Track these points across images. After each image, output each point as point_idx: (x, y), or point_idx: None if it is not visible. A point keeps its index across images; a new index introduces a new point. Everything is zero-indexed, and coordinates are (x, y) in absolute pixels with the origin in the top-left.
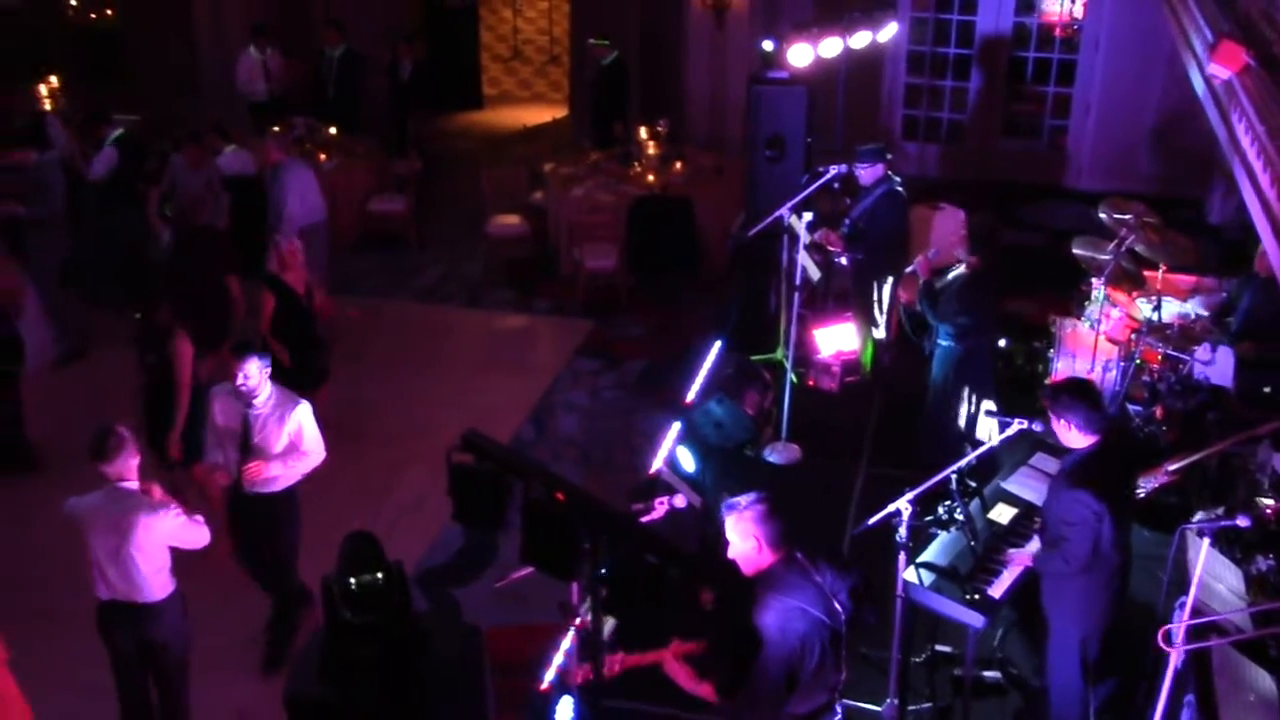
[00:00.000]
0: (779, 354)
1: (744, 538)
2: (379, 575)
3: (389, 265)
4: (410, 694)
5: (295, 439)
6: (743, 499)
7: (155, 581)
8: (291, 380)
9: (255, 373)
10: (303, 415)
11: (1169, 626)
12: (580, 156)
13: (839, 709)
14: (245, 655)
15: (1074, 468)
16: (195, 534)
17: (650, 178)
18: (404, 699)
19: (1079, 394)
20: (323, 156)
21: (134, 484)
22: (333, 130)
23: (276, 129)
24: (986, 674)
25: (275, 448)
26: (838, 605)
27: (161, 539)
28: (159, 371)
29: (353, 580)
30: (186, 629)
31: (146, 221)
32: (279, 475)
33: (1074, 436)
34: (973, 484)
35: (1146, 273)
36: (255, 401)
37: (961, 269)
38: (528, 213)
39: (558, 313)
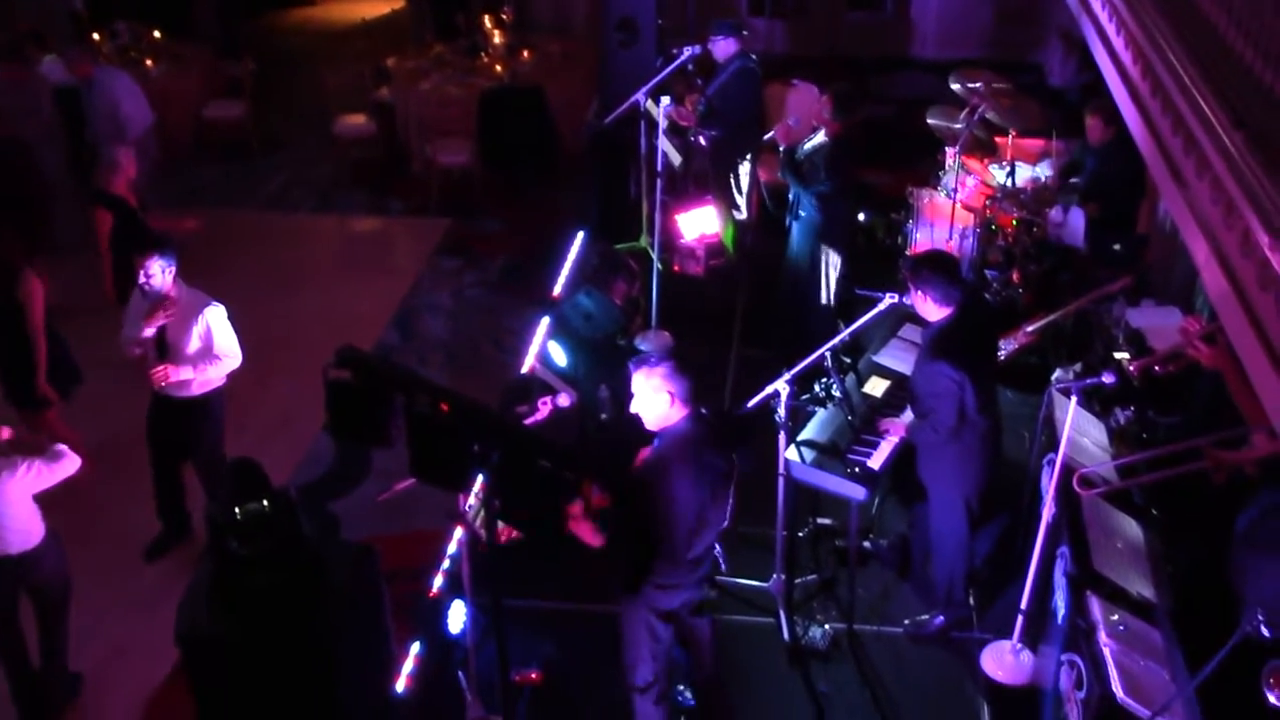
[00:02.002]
0: (642, 241)
1: (657, 392)
2: (265, 503)
3: (230, 174)
4: (308, 621)
5: (207, 341)
6: (652, 355)
7: (25, 531)
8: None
9: (158, 271)
10: (213, 317)
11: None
12: (423, 49)
13: (717, 546)
14: (123, 582)
15: (933, 339)
16: (60, 470)
17: (498, 68)
18: (302, 627)
19: (937, 267)
20: (149, 63)
21: None
22: (157, 34)
23: (97, 36)
24: (867, 544)
25: (188, 350)
26: (733, 457)
27: (23, 493)
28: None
29: (238, 510)
30: (64, 567)
31: None
32: (191, 379)
33: (931, 308)
34: (847, 360)
35: (997, 139)
36: (168, 300)
37: (821, 137)
38: (373, 111)
39: (413, 212)
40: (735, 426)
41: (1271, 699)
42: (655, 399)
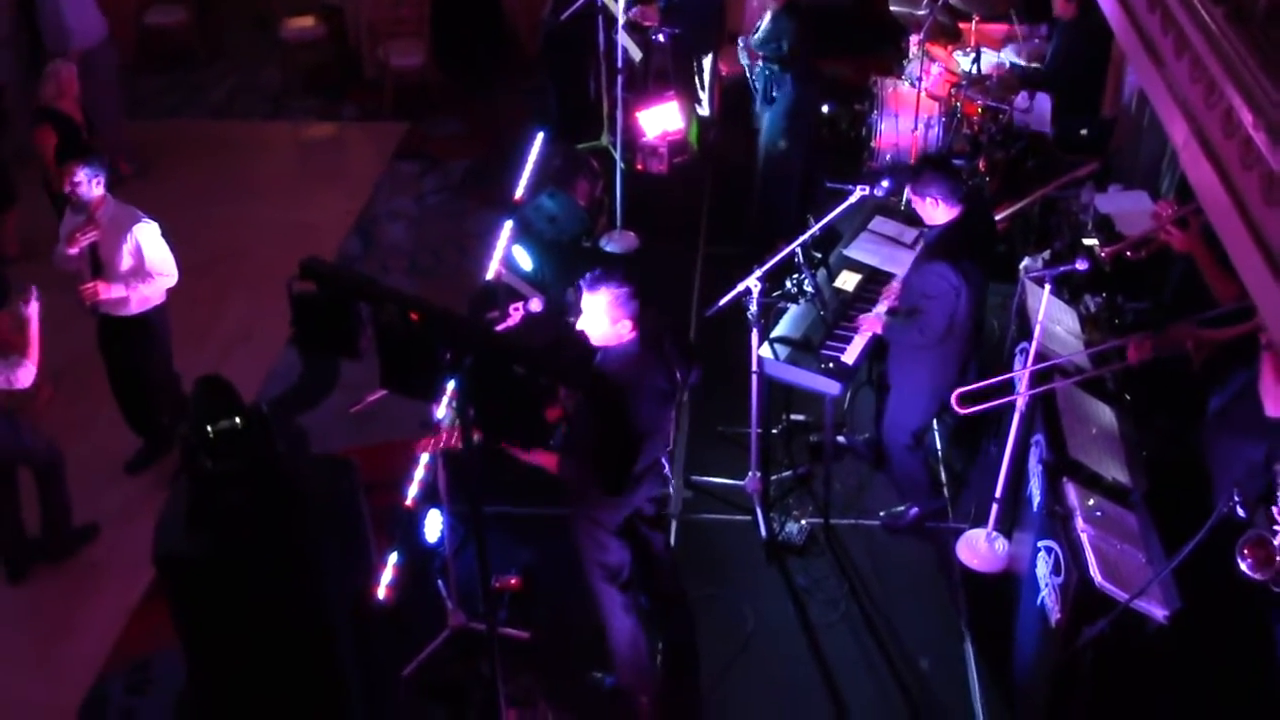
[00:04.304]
0: (604, 140)
1: (613, 319)
2: (236, 420)
3: (176, 83)
4: (288, 536)
5: (138, 258)
6: (604, 278)
7: None
8: None
9: (84, 179)
10: (144, 234)
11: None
12: None
13: (665, 461)
14: (93, 502)
15: (937, 240)
16: (16, 375)
17: None
18: (282, 542)
19: (939, 167)
20: None
21: None
22: None
23: None
24: (841, 437)
25: (120, 266)
26: (677, 373)
27: None
28: None
29: (209, 428)
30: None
31: None
32: (126, 297)
33: (941, 211)
34: (817, 255)
35: (961, 25)
36: (96, 215)
37: (773, 10)
38: (322, 12)
39: (368, 117)
40: (682, 345)
41: (1244, 568)
42: (610, 322)
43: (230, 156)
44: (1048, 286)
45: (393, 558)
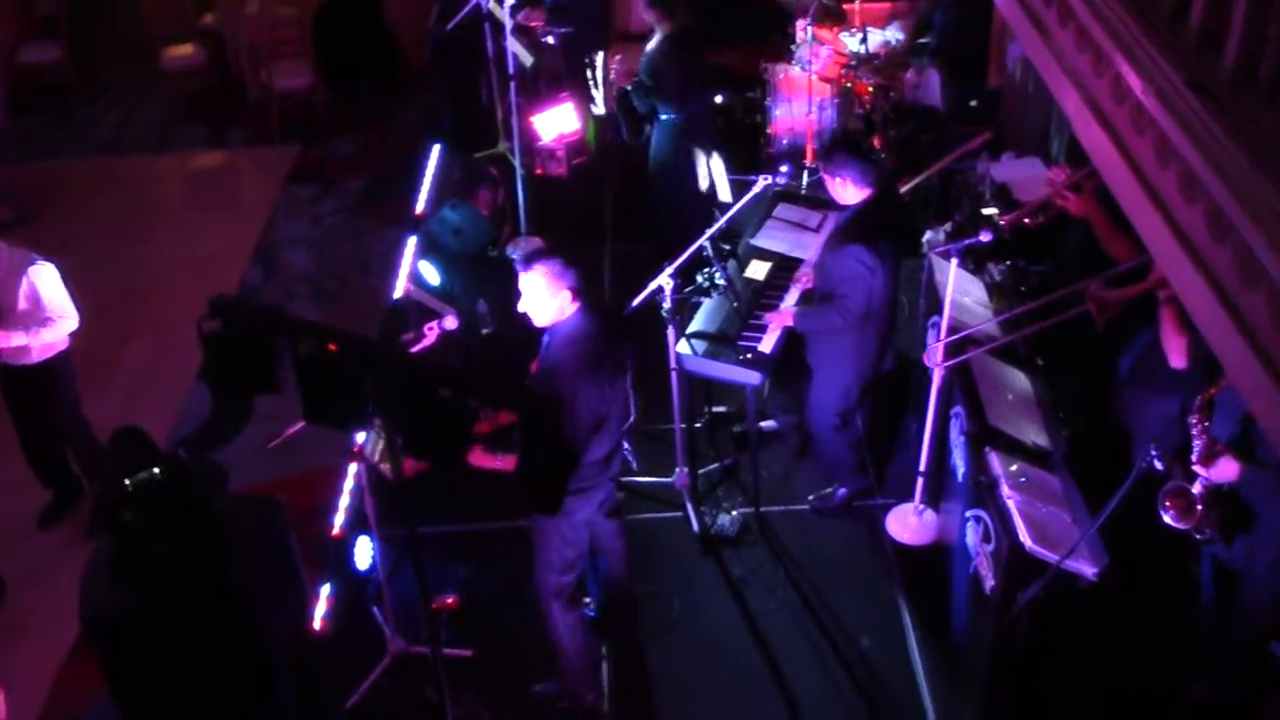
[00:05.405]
0: (500, 147)
1: (554, 293)
2: (155, 470)
3: (56, 122)
4: (218, 583)
5: (34, 302)
6: (533, 256)
7: None
8: None
9: None
10: (39, 276)
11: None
12: None
13: (626, 445)
14: (8, 561)
15: (850, 223)
16: None
17: None
18: (213, 589)
19: (850, 149)
20: None
21: None
22: None
23: None
24: (764, 425)
25: (17, 311)
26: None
27: None
28: None
29: (128, 481)
30: None
31: None
32: (27, 345)
33: (851, 192)
34: (725, 246)
35: (846, 6)
36: None
37: (659, 36)
38: (201, 39)
39: (257, 142)
40: (620, 317)
41: (1167, 519)
42: (554, 298)
43: (120, 193)
44: (954, 260)
45: (325, 589)
